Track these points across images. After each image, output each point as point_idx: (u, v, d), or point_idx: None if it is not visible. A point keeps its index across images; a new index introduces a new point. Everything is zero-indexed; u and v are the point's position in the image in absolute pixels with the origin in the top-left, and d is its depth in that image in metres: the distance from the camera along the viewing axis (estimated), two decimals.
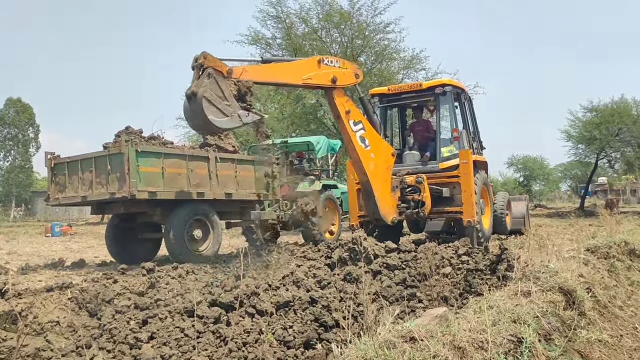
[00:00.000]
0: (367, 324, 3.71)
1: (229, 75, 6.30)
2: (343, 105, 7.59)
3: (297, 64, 7.32)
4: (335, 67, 7.35)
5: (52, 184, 9.16)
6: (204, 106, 6.12)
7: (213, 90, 6.22)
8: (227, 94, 6.25)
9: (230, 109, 6.35)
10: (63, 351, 3.55)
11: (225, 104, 6.27)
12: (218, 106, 6.24)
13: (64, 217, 40.49)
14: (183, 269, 6.08)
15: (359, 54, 21.84)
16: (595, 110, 29.54)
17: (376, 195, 8.16)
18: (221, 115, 6.30)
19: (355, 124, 7.75)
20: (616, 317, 4.89)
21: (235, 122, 6.52)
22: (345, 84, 7.56)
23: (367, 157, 7.99)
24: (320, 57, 7.33)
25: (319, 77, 7.15)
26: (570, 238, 8.79)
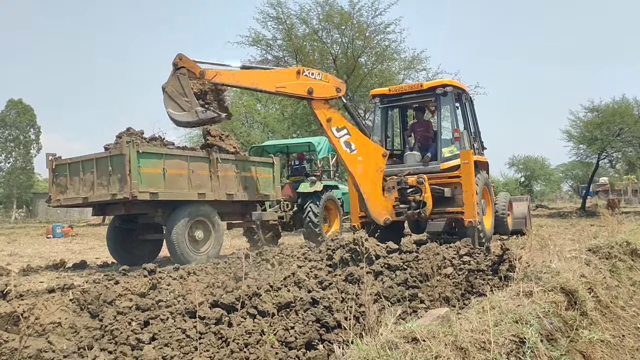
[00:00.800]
0: (369, 324, 3.71)
1: (201, 76, 6.72)
2: (323, 113, 7.77)
3: (274, 72, 7.70)
4: (316, 79, 7.58)
5: (53, 186, 9.17)
6: (165, 100, 6.90)
7: (174, 87, 6.88)
8: (187, 91, 6.87)
9: (188, 104, 6.97)
10: (65, 352, 3.55)
11: (185, 100, 6.91)
12: (177, 101, 6.92)
13: (65, 218, 40.54)
14: (184, 270, 6.08)
15: (359, 54, 21.83)
16: (597, 110, 29.52)
17: (365, 197, 8.22)
18: (179, 110, 7.02)
19: (338, 130, 7.92)
20: (618, 317, 4.89)
21: (191, 117, 7.13)
22: (323, 96, 7.77)
23: (353, 161, 8.10)
24: (301, 69, 7.57)
25: (293, 86, 7.39)
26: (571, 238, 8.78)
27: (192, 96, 6.80)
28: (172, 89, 6.81)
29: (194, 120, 7.22)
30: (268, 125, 29.34)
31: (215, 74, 6.90)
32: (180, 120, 7.15)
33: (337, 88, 7.84)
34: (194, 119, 7.08)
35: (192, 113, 6.97)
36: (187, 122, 7.30)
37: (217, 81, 6.98)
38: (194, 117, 7.00)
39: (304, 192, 12.11)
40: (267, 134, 28.92)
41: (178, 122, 7.25)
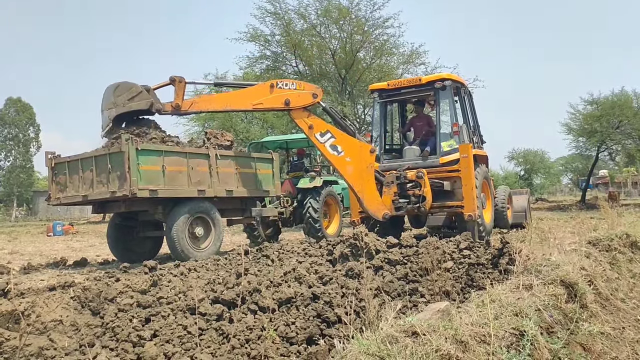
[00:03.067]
0: (369, 319, 3.71)
1: (177, 109, 6.84)
2: (304, 121, 7.82)
3: (248, 90, 7.67)
4: (290, 89, 7.57)
5: (53, 184, 9.17)
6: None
7: (130, 92, 7.42)
8: (126, 107, 7.59)
9: (111, 109, 7.63)
10: (66, 350, 3.56)
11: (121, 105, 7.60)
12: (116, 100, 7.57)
13: (65, 216, 40.58)
14: (185, 266, 6.09)
15: (358, 49, 21.78)
16: (596, 103, 29.50)
17: (360, 195, 8.24)
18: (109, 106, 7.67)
19: (322, 135, 7.95)
20: (618, 309, 4.90)
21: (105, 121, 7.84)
22: (300, 105, 7.79)
23: (342, 163, 8.12)
24: (274, 82, 7.57)
25: (269, 101, 7.41)
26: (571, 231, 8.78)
27: (120, 109, 7.31)
28: (128, 90, 7.17)
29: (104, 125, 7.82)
30: (267, 121, 29.30)
31: (190, 103, 7.02)
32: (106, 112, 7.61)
33: (314, 94, 7.84)
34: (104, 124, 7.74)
35: (105, 120, 7.66)
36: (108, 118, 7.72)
37: (194, 110, 7.13)
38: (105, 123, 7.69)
39: (303, 188, 12.11)
40: (267, 129, 28.88)
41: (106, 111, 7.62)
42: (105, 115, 6.99)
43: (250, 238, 12.14)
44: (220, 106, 7.15)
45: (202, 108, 7.10)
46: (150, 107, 7.44)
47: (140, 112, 7.99)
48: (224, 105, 7.08)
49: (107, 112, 6.89)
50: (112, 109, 6.88)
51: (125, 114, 7.89)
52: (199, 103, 6.91)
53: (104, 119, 6.98)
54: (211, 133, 10.50)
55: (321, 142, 8.01)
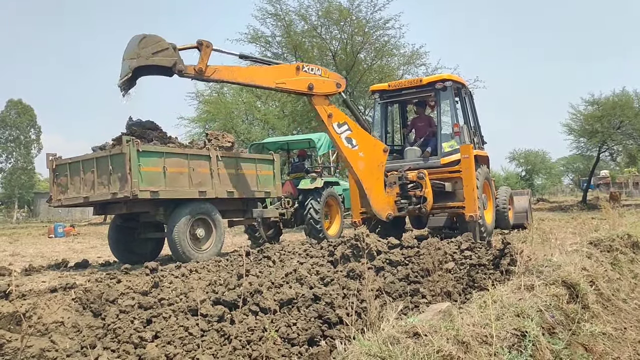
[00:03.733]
0: (371, 320, 3.71)
1: (199, 73, 6.39)
2: (324, 109, 7.68)
3: (273, 68, 7.43)
4: (316, 75, 7.45)
5: (54, 185, 9.17)
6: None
7: (156, 47, 6.64)
8: (149, 61, 6.71)
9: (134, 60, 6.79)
10: (68, 351, 3.56)
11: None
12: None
13: (66, 218, 40.62)
14: (186, 268, 6.09)
15: (358, 50, 21.78)
16: (597, 103, 29.48)
17: (368, 193, 8.17)
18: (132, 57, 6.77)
19: (339, 125, 7.82)
20: (620, 310, 4.89)
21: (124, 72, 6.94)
22: (324, 92, 7.65)
23: (355, 157, 8.02)
24: (300, 64, 7.43)
25: (293, 82, 7.25)
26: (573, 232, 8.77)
27: (142, 61, 6.60)
28: (155, 43, 6.59)
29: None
30: (268, 122, 29.30)
31: (214, 70, 6.52)
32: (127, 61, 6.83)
33: (337, 83, 7.74)
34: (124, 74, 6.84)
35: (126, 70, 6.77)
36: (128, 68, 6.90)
37: (216, 78, 6.76)
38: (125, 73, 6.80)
39: (304, 189, 12.11)
40: (268, 131, 28.89)
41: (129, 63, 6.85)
42: (125, 64, 6.40)
43: (252, 239, 12.14)
44: (244, 79, 6.93)
45: (225, 77, 6.83)
46: (173, 66, 6.93)
47: (161, 68, 7.32)
48: (248, 78, 6.91)
49: (128, 62, 6.33)
50: (134, 59, 6.35)
51: (145, 67, 7.22)
52: (223, 71, 6.68)
53: (124, 67, 6.40)
54: (212, 134, 10.52)
55: (337, 133, 7.90)
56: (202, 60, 6.42)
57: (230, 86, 31.77)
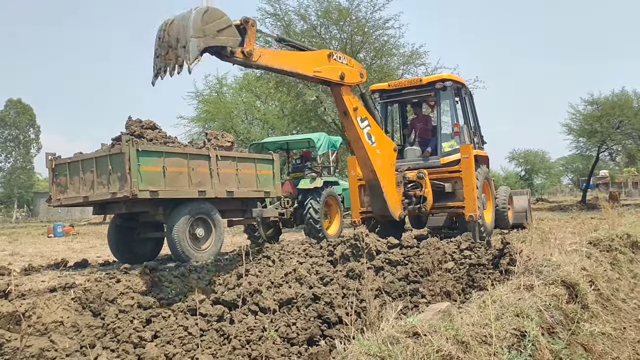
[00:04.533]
0: (370, 319, 3.71)
1: (248, 57, 5.69)
2: (351, 102, 7.44)
3: (310, 54, 6.99)
4: (344, 63, 7.27)
5: (54, 185, 9.16)
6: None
7: (219, 22, 5.46)
8: (217, 39, 5.44)
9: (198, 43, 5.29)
10: (67, 351, 3.56)
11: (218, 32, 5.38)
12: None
13: (66, 217, 40.59)
14: (186, 267, 6.09)
15: (358, 50, 21.77)
16: (596, 103, 29.50)
17: (385, 191, 8.08)
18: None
19: (362, 120, 7.62)
20: (619, 309, 4.89)
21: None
22: (353, 82, 7.38)
23: (374, 154, 7.88)
24: (330, 52, 7.15)
25: (328, 71, 6.97)
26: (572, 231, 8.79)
27: (209, 41, 5.30)
28: (220, 18, 5.32)
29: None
30: (268, 121, 29.33)
31: (259, 55, 5.88)
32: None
33: (361, 73, 7.59)
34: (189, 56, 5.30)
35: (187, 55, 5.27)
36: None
37: (262, 63, 5.97)
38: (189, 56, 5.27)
39: (304, 189, 12.10)
40: (267, 130, 28.90)
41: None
42: (193, 44, 5.09)
43: (251, 239, 12.14)
44: (287, 65, 6.44)
45: (270, 63, 6.14)
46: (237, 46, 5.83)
47: (219, 48, 5.95)
48: (290, 65, 6.43)
49: (195, 41, 5.10)
50: (200, 38, 5.16)
51: (209, 47, 5.85)
52: (267, 56, 6.02)
53: (192, 48, 5.08)
54: (212, 134, 10.51)
55: (361, 127, 7.72)
56: (249, 42, 5.75)
57: (230, 85, 31.87)
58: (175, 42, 5.10)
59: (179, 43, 5.08)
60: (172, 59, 5.17)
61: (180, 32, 5.08)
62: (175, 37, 5.12)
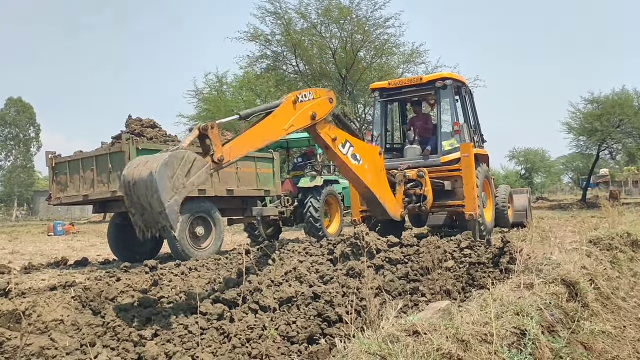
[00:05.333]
0: (370, 318, 3.71)
1: (220, 162, 5.14)
2: (328, 134, 6.99)
3: (277, 115, 6.30)
4: (310, 100, 6.73)
5: (54, 184, 9.17)
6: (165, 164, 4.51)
7: (184, 163, 4.68)
8: (188, 184, 4.67)
9: (172, 193, 4.57)
10: (67, 349, 3.56)
11: (178, 184, 4.57)
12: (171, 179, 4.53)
13: (66, 216, 40.60)
14: (186, 266, 6.09)
15: (358, 48, 21.76)
16: (596, 101, 29.49)
17: (382, 201, 8.03)
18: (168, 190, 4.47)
19: (343, 146, 7.29)
20: (619, 308, 4.89)
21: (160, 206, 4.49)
22: (325, 115, 6.87)
23: (363, 172, 7.71)
24: (294, 97, 6.50)
25: (298, 120, 6.43)
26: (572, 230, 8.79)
27: (182, 192, 4.58)
28: (180, 162, 4.57)
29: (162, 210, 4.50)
30: None
31: (229, 151, 5.30)
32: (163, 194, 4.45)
33: (329, 99, 7.13)
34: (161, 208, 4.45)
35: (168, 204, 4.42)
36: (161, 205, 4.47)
37: (237, 156, 5.48)
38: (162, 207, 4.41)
39: (304, 187, 12.11)
40: None
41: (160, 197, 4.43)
42: (170, 209, 4.33)
43: (251, 237, 12.14)
44: (260, 142, 5.98)
45: (244, 151, 5.67)
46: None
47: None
48: (261, 139, 5.95)
49: (170, 205, 4.34)
50: (173, 197, 4.40)
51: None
52: (237, 147, 5.48)
53: (170, 213, 4.34)
54: None
55: (344, 154, 7.37)
56: (216, 147, 5.25)
57: (230, 84, 31.85)
58: (149, 207, 4.32)
59: (152, 208, 4.30)
60: (152, 223, 4.40)
61: (149, 199, 4.29)
62: (147, 202, 4.32)
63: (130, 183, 4.40)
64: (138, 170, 4.40)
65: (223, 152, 5.20)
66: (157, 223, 4.31)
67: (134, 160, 4.62)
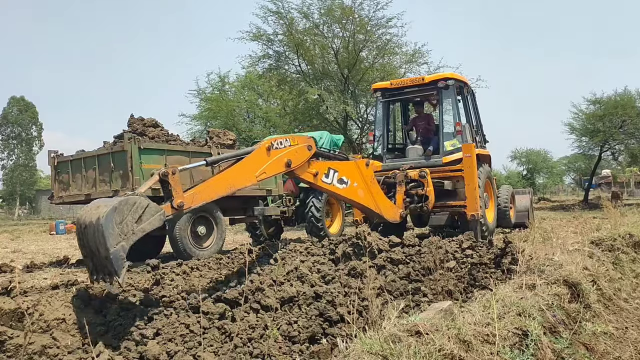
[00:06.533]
0: (372, 318, 3.71)
1: (181, 208, 4.98)
2: (307, 174, 6.87)
3: (247, 162, 6.10)
4: (286, 147, 6.58)
5: (56, 183, 9.19)
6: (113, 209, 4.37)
7: (135, 209, 4.55)
8: (137, 230, 4.50)
9: (120, 239, 4.37)
10: (69, 348, 3.57)
11: (127, 233, 4.42)
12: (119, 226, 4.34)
13: (68, 215, 40.63)
14: (187, 265, 6.09)
15: (361, 48, 21.76)
16: (599, 102, 29.43)
17: (377, 211, 8.00)
18: (115, 237, 4.29)
19: (327, 176, 7.16)
20: (621, 309, 4.89)
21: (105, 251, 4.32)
22: (301, 162, 6.68)
23: (352, 192, 7.60)
24: (269, 143, 6.35)
25: (271, 167, 6.27)
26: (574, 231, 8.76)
27: (131, 238, 4.38)
28: (131, 208, 4.46)
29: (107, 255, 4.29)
30: (270, 120, 29.32)
31: (192, 197, 5.15)
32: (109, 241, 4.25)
33: (308, 146, 6.91)
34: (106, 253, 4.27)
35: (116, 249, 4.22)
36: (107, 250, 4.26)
37: (197, 204, 5.26)
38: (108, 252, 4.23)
39: (306, 187, 12.11)
40: (269, 129, 28.90)
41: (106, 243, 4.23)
42: (115, 255, 4.18)
43: (253, 237, 12.15)
44: (225, 190, 5.82)
45: (207, 198, 5.53)
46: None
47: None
48: (228, 187, 5.84)
49: (116, 252, 4.20)
50: (120, 243, 4.25)
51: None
52: (201, 193, 5.34)
53: (115, 261, 4.17)
54: (213, 132, 10.53)
55: (329, 184, 7.28)
56: (177, 193, 5.09)
57: (232, 84, 31.88)
58: (97, 251, 4.19)
59: (100, 253, 4.16)
60: (100, 268, 4.26)
61: (97, 241, 4.14)
62: (95, 246, 4.19)
63: (82, 226, 4.34)
64: (89, 214, 4.32)
65: (184, 199, 5.05)
66: (104, 268, 4.16)
67: (91, 204, 4.53)
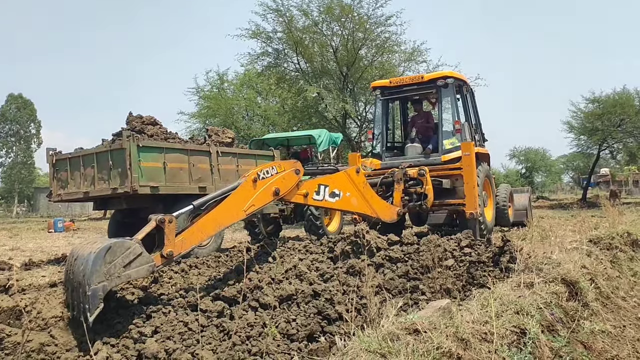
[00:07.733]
0: (371, 316, 3.72)
1: (169, 257, 4.85)
2: (300, 195, 6.82)
3: (234, 198, 6.04)
4: (273, 175, 6.30)
5: (54, 180, 9.18)
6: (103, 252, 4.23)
7: (127, 252, 4.48)
8: (124, 276, 4.34)
9: (104, 279, 4.15)
10: (67, 346, 3.57)
11: (114, 276, 4.22)
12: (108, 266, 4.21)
13: (66, 212, 40.62)
14: (186, 263, 6.09)
15: (360, 46, 21.76)
16: (597, 101, 29.47)
17: (373, 215, 7.99)
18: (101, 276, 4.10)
19: (317, 193, 7.08)
20: (619, 307, 4.90)
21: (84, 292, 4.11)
22: (289, 188, 6.54)
23: (346, 203, 7.52)
24: (254, 175, 6.15)
25: (259, 199, 6.13)
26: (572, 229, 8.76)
27: (114, 281, 4.21)
28: (124, 252, 4.37)
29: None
30: (269, 118, 29.32)
31: (181, 244, 5.06)
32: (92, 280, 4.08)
33: (296, 170, 6.81)
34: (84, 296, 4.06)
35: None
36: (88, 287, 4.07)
37: (188, 248, 5.19)
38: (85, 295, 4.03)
39: None
40: (268, 127, 28.90)
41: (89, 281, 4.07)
42: (93, 293, 3.98)
43: (251, 235, 12.15)
44: (214, 229, 5.72)
45: (196, 242, 5.37)
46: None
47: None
48: (217, 226, 5.71)
49: (96, 289, 4.02)
50: (102, 282, 4.11)
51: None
52: (189, 237, 5.21)
53: (92, 298, 3.95)
54: (212, 130, 10.53)
55: (321, 200, 7.21)
56: (169, 241, 5.02)
57: (231, 82, 31.87)
58: (78, 285, 4.08)
59: (80, 287, 4.03)
60: (76, 303, 4.11)
61: (82, 274, 4.05)
62: (78, 280, 4.11)
63: (73, 257, 4.35)
64: (84, 247, 4.32)
65: (174, 247, 4.95)
66: (80, 303, 4.00)
67: (89, 239, 4.58)
